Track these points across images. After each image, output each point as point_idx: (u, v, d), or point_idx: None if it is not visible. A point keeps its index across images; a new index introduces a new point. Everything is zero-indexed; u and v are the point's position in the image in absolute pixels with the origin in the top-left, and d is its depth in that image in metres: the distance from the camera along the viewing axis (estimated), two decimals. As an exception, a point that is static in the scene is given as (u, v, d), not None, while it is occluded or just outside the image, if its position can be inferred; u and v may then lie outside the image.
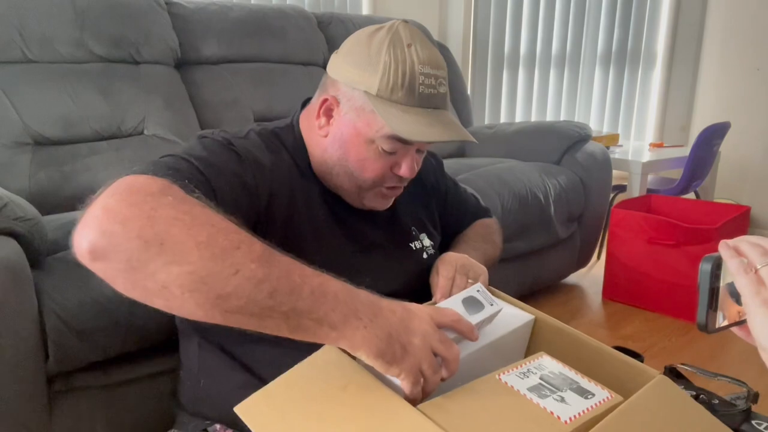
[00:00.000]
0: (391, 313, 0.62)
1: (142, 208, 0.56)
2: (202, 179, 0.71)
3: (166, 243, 0.54)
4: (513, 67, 3.24)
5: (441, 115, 0.84)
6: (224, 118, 1.92)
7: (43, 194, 1.49)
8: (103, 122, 1.65)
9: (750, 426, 0.88)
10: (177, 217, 0.56)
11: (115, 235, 0.54)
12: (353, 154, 0.86)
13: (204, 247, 0.55)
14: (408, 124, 0.80)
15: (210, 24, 2.00)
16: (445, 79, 0.85)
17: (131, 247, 0.54)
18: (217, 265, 0.55)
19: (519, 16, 3.19)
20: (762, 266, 0.56)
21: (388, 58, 0.80)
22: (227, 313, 0.56)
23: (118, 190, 0.59)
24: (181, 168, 0.70)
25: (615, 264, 2.41)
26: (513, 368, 0.65)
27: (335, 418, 0.59)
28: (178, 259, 0.54)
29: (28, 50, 1.61)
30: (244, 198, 0.77)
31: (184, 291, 0.54)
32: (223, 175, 0.75)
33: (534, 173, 2.18)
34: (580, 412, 0.58)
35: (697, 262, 0.59)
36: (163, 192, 0.59)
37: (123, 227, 0.54)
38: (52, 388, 1.10)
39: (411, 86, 0.80)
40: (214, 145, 0.79)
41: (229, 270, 0.55)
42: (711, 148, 2.82)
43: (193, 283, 0.54)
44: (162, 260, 0.54)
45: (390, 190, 0.90)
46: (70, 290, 1.08)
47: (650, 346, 2.06)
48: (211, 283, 0.54)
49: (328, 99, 0.86)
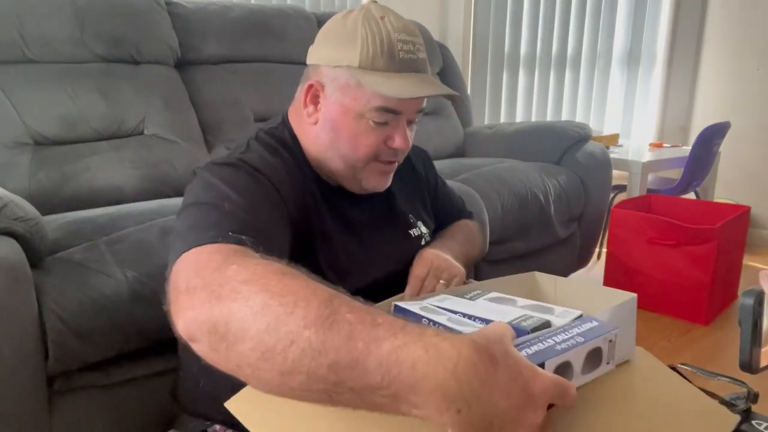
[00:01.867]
0: (506, 397, 0.44)
1: (207, 289, 0.54)
2: (247, 226, 0.67)
3: (230, 321, 0.50)
4: (513, 67, 3.24)
5: (424, 77, 0.86)
6: (224, 118, 1.92)
7: (43, 194, 1.49)
8: (103, 122, 1.65)
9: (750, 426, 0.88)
10: (237, 290, 0.52)
11: (192, 321, 0.53)
12: (344, 133, 0.86)
13: (260, 318, 0.49)
14: (394, 86, 0.81)
15: (210, 24, 1.99)
16: (422, 46, 0.87)
17: (204, 332, 0.52)
18: (272, 337, 0.48)
19: (519, 16, 3.19)
20: None
21: (365, 31, 0.82)
22: (296, 391, 0.49)
23: (186, 271, 0.58)
24: (222, 223, 0.66)
25: (615, 264, 2.41)
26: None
27: (327, 409, 0.59)
28: (240, 336, 0.50)
29: (28, 50, 1.61)
30: (282, 223, 0.76)
31: (253, 369, 0.50)
32: (262, 210, 0.73)
33: (534, 173, 2.18)
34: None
35: (697, 262, 0.58)
36: (227, 262, 0.56)
37: (195, 313, 0.53)
38: (52, 388, 1.10)
39: (391, 53, 0.82)
40: (237, 179, 0.75)
41: (284, 342, 0.47)
42: (711, 148, 2.82)
43: (257, 360, 0.49)
44: (229, 340, 0.51)
45: (386, 164, 0.90)
46: (70, 290, 1.08)
47: (650, 346, 2.06)
48: (271, 358, 0.48)
49: (312, 85, 0.87)
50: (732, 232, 2.31)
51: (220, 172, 0.76)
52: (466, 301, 0.72)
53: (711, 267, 2.15)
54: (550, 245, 2.24)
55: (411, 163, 1.08)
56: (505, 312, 0.66)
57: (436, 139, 2.52)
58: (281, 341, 0.47)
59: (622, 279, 2.38)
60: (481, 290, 0.77)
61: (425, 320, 0.63)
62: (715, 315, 2.30)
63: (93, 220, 1.27)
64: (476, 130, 2.69)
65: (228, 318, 0.51)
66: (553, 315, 0.65)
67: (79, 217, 1.29)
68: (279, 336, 0.48)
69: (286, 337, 0.47)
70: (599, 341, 0.55)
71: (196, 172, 0.81)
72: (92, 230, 1.22)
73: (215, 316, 0.51)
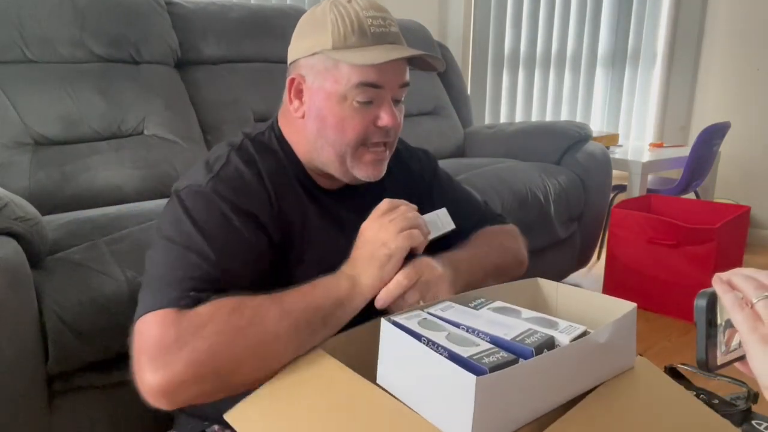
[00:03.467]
0: (358, 249, 0.83)
1: (172, 362, 0.68)
2: (209, 275, 0.76)
3: (222, 365, 0.70)
4: (513, 67, 3.24)
5: (399, 46, 0.86)
6: (224, 118, 1.92)
7: (43, 194, 1.49)
8: (103, 122, 1.65)
9: (750, 426, 0.88)
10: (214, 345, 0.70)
11: (173, 384, 0.69)
12: (330, 119, 0.86)
13: (253, 346, 0.70)
14: (367, 56, 0.82)
15: (210, 24, 1.99)
16: (393, 21, 0.87)
17: (199, 376, 0.70)
18: (263, 347, 0.72)
19: (519, 16, 3.19)
20: (757, 300, 0.53)
21: (334, 15, 0.84)
22: (304, 350, 0.73)
23: (144, 348, 0.70)
24: (184, 281, 0.75)
25: (615, 264, 2.41)
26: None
27: (322, 418, 0.60)
28: (243, 359, 0.71)
29: (28, 50, 1.61)
30: (256, 247, 0.82)
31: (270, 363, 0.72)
32: (230, 245, 0.79)
33: (534, 173, 2.18)
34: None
35: (697, 262, 0.59)
36: (180, 339, 0.69)
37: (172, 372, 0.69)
38: (52, 388, 1.10)
39: (362, 29, 0.83)
40: (207, 215, 0.80)
41: (273, 339, 0.71)
42: (711, 148, 2.82)
43: (260, 359, 0.71)
44: (245, 367, 0.71)
45: (376, 151, 0.89)
46: (70, 290, 1.08)
47: (650, 346, 2.06)
48: (271, 356, 0.71)
49: (294, 78, 0.88)
50: (732, 232, 2.31)
51: (193, 205, 0.81)
52: (470, 311, 0.71)
53: (711, 267, 2.15)
54: (550, 245, 2.24)
55: (405, 163, 1.07)
56: (510, 325, 0.66)
57: (436, 139, 2.52)
58: (270, 342, 0.71)
59: (622, 279, 2.39)
60: (485, 298, 0.76)
61: (424, 339, 0.62)
62: (715, 315, 2.29)
63: (93, 220, 1.27)
64: (476, 130, 2.69)
65: (218, 366, 0.69)
66: (557, 330, 0.65)
67: (79, 217, 1.29)
68: (267, 339, 0.71)
69: (273, 336, 0.71)
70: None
71: (174, 193, 0.84)
72: (92, 230, 1.22)
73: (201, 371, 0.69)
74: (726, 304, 0.55)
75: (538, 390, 0.58)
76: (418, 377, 0.59)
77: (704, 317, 0.57)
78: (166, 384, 0.67)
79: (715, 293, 0.57)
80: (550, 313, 0.71)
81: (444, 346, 0.60)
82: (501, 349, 0.60)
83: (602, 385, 0.64)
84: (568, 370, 0.61)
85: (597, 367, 0.65)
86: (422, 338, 0.62)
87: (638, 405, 0.65)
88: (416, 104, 2.52)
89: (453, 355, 0.58)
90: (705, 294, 0.57)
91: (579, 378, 0.63)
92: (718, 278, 0.57)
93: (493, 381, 0.53)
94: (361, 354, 0.67)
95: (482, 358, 0.57)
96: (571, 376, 0.62)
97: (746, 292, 0.55)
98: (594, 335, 0.63)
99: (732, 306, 0.55)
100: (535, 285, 0.85)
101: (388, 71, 0.84)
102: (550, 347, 0.62)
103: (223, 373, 0.69)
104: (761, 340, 0.52)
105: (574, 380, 0.63)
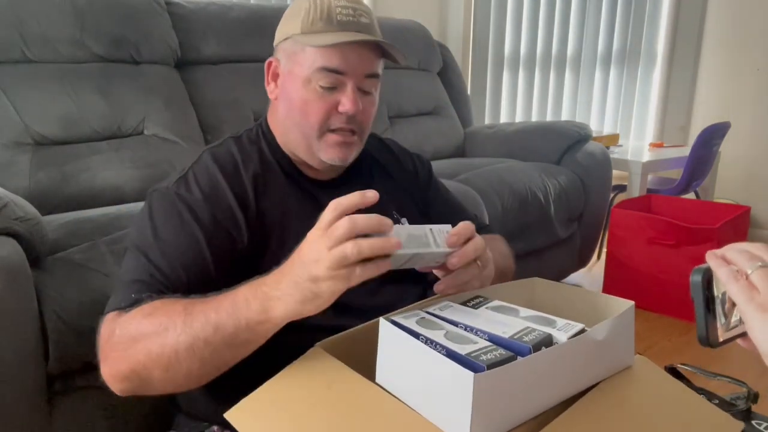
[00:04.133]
0: (290, 266, 0.65)
1: (107, 357, 0.75)
2: (160, 276, 0.79)
3: (135, 369, 0.72)
4: (513, 67, 3.24)
5: (362, 34, 0.87)
6: (224, 118, 1.92)
7: (43, 194, 1.49)
8: (103, 122, 1.65)
9: (750, 426, 0.88)
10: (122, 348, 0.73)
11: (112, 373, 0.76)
12: (296, 101, 0.89)
13: (151, 356, 0.70)
14: (325, 39, 0.85)
15: (210, 24, 1.99)
16: (366, 13, 0.89)
17: (124, 378, 0.75)
18: (164, 357, 0.70)
19: (519, 16, 3.19)
20: (752, 271, 0.54)
21: (308, 4, 0.87)
22: (213, 369, 0.72)
23: (102, 336, 0.77)
24: (136, 283, 0.78)
25: (615, 264, 2.41)
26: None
27: (322, 417, 0.60)
28: (150, 367, 0.71)
29: (28, 50, 1.61)
30: (213, 247, 0.82)
31: (172, 378, 0.72)
32: (185, 247, 0.81)
33: (534, 173, 2.18)
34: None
35: (697, 262, 0.59)
36: (111, 335, 0.74)
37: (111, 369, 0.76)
38: (52, 388, 1.10)
39: (329, 17, 0.86)
40: (168, 218, 0.83)
41: (172, 353, 0.69)
42: (711, 148, 2.82)
43: (166, 374, 0.71)
44: (143, 377, 0.72)
45: (340, 134, 0.90)
46: (70, 290, 1.08)
47: (650, 346, 2.06)
48: (175, 366, 0.70)
49: (271, 62, 0.94)
50: (732, 232, 2.31)
51: (156, 206, 0.84)
52: (469, 310, 0.71)
53: (711, 267, 2.14)
54: (550, 245, 2.24)
55: (398, 160, 1.08)
56: (508, 323, 0.66)
57: (436, 139, 2.52)
58: (169, 355, 0.69)
59: (622, 279, 2.39)
60: (483, 297, 0.76)
61: (422, 337, 0.62)
62: (715, 315, 2.29)
63: (93, 220, 1.27)
64: (476, 130, 2.69)
65: (134, 367, 0.72)
66: (555, 328, 0.65)
67: (79, 217, 1.29)
68: (166, 351, 0.69)
69: (171, 350, 0.69)
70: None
71: (148, 194, 0.87)
72: (92, 230, 1.22)
73: (123, 372, 0.74)
74: (721, 277, 0.56)
75: (536, 387, 0.58)
76: (416, 375, 0.59)
77: (701, 293, 0.57)
78: (106, 376, 0.75)
79: (709, 269, 0.57)
80: (548, 313, 0.71)
81: (442, 344, 0.60)
82: (499, 346, 0.60)
83: (601, 383, 0.64)
84: (567, 368, 0.61)
85: (595, 365, 0.65)
86: (420, 337, 0.62)
87: (638, 401, 0.65)
88: (416, 104, 2.52)
89: (451, 352, 0.58)
90: (700, 270, 0.57)
91: (577, 375, 0.63)
92: (712, 254, 0.58)
93: (491, 378, 0.53)
94: (361, 353, 0.68)
95: (480, 355, 0.57)
96: (570, 373, 0.62)
97: (740, 264, 0.55)
98: (592, 332, 0.63)
99: (727, 278, 0.55)
100: (533, 285, 0.85)
101: (351, 58, 0.86)
102: (548, 345, 0.62)
103: (141, 375, 0.72)
104: (759, 309, 0.52)
105: (573, 378, 0.63)
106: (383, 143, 1.11)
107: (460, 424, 0.53)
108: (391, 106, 2.39)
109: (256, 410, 0.63)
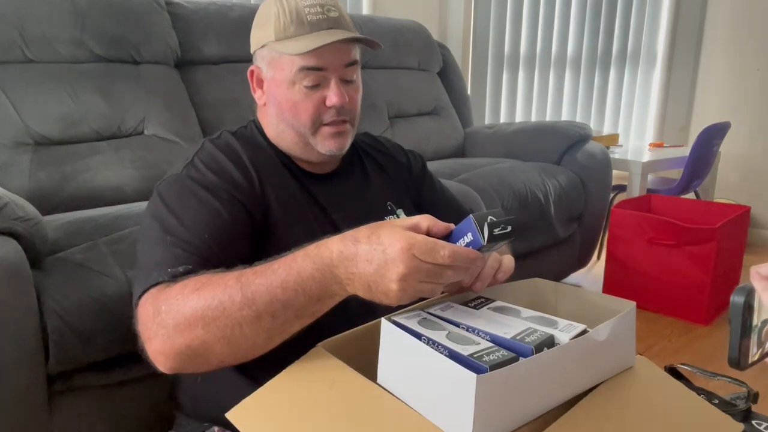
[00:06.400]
0: (368, 263, 0.61)
1: (156, 335, 0.71)
2: (186, 254, 0.78)
3: (192, 345, 0.69)
4: (513, 67, 3.24)
5: (335, 31, 0.89)
6: (224, 118, 1.92)
7: (43, 194, 1.49)
8: (103, 122, 1.65)
9: (750, 426, 0.88)
10: (180, 323, 0.70)
11: (160, 355, 0.72)
12: (285, 104, 0.91)
13: (211, 330, 0.68)
14: (301, 45, 0.87)
15: (210, 24, 1.99)
16: (334, 7, 0.91)
17: (177, 355, 0.71)
18: (227, 333, 0.68)
19: (519, 16, 3.19)
20: None
21: (276, 9, 0.90)
22: (280, 338, 0.70)
23: (140, 324, 0.75)
24: (164, 261, 0.77)
25: (615, 264, 2.41)
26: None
27: (323, 417, 0.60)
28: (210, 341, 0.69)
29: (28, 50, 1.61)
30: (232, 223, 0.82)
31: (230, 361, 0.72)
32: (205, 225, 0.81)
33: (534, 173, 2.18)
34: None
35: (697, 262, 0.58)
36: (157, 313, 0.72)
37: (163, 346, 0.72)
38: (52, 388, 1.10)
39: (300, 20, 0.88)
40: (182, 201, 0.83)
41: (236, 327, 0.67)
42: (711, 148, 2.82)
43: (227, 351, 0.70)
44: (215, 348, 0.70)
45: (333, 126, 0.92)
46: (70, 290, 1.08)
47: (650, 346, 2.06)
48: (239, 341, 0.69)
49: (253, 70, 0.97)
50: (732, 232, 2.31)
51: (167, 192, 0.85)
52: (470, 311, 0.71)
53: (711, 267, 2.15)
54: (550, 245, 2.24)
55: (391, 154, 1.10)
56: (509, 324, 0.65)
57: (436, 139, 2.52)
58: (233, 328, 0.67)
59: (622, 279, 2.39)
60: (485, 298, 0.76)
61: (424, 338, 0.62)
62: (715, 315, 2.30)
63: (93, 220, 1.27)
64: (476, 130, 2.69)
65: (190, 343, 0.69)
66: (556, 329, 0.65)
67: (79, 217, 1.29)
68: (229, 325, 0.67)
69: (235, 323, 0.67)
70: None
71: (156, 189, 0.88)
72: (92, 230, 1.22)
73: (178, 347, 0.70)
74: (766, 301, 0.53)
75: (538, 388, 0.58)
76: (418, 376, 0.59)
77: (740, 317, 0.54)
78: (154, 354, 0.72)
79: (753, 289, 0.54)
80: (549, 313, 0.70)
81: (444, 345, 0.60)
82: (501, 347, 0.60)
83: (603, 384, 0.64)
84: (569, 369, 0.61)
85: (597, 366, 0.65)
86: (422, 337, 0.62)
87: (640, 402, 0.65)
88: (416, 104, 2.52)
89: (453, 353, 0.58)
90: (743, 290, 0.54)
91: (579, 376, 0.63)
92: (757, 273, 0.54)
93: (493, 379, 0.53)
94: (362, 353, 0.68)
95: (482, 356, 0.57)
96: (572, 374, 0.62)
97: None
98: (593, 333, 0.63)
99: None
100: (534, 285, 0.85)
101: (328, 54, 0.88)
102: (550, 345, 0.62)
103: (199, 350, 0.70)
104: None
105: (575, 378, 0.63)
106: (376, 140, 1.13)
107: (462, 425, 0.53)
108: (391, 106, 2.39)
109: (258, 410, 0.63)
